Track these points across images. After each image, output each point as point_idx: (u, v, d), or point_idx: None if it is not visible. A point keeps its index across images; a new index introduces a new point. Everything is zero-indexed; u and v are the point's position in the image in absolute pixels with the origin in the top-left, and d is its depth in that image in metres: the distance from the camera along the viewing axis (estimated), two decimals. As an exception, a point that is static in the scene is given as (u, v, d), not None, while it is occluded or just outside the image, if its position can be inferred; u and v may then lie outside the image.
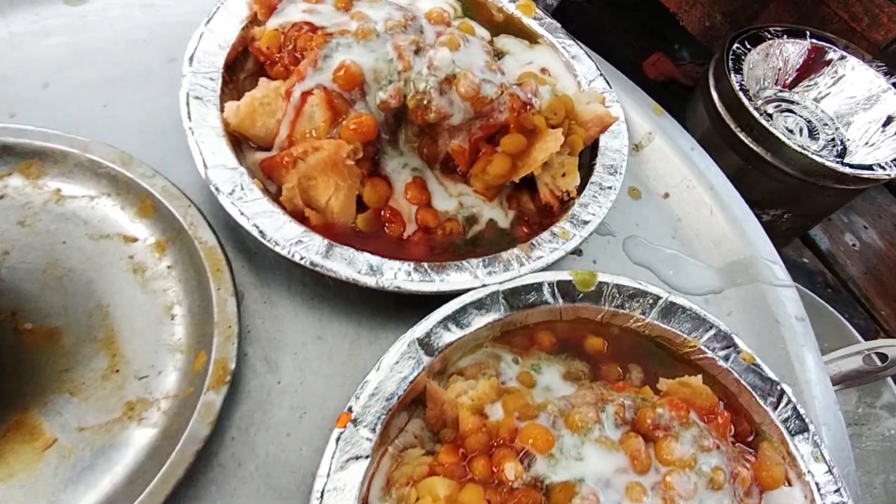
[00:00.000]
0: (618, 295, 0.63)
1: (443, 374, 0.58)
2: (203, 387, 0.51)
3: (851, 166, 1.02)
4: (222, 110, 0.63)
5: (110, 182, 0.59)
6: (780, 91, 1.19)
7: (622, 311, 0.63)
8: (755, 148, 1.05)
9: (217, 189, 0.58)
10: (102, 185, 0.59)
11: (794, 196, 1.10)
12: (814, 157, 1.00)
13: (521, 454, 0.50)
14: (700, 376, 0.58)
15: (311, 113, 0.61)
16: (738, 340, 0.63)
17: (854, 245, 1.50)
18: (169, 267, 0.58)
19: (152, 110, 0.68)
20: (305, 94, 0.61)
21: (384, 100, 0.61)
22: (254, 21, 0.68)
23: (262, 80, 0.63)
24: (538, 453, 0.50)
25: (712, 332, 0.63)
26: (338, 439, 0.50)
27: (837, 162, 1.01)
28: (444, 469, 0.51)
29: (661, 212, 0.78)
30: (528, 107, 0.63)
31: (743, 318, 0.71)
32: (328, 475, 0.49)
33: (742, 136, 1.06)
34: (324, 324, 0.61)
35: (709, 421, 0.55)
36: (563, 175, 0.66)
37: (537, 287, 0.62)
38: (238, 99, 0.63)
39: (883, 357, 1.03)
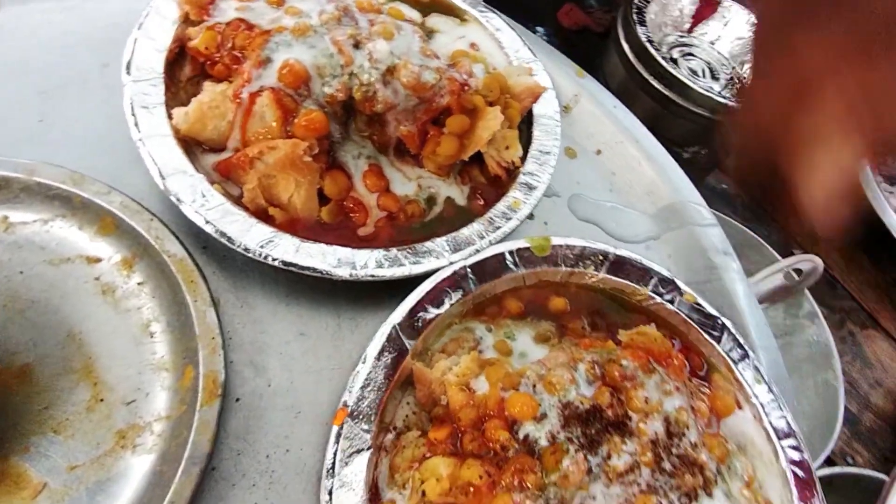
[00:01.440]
0: (570, 255, 0.61)
1: (425, 355, 0.55)
2: (196, 403, 0.46)
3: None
4: (169, 116, 0.55)
5: (63, 203, 0.51)
6: (681, 37, 1.17)
7: (577, 269, 0.61)
8: (666, 92, 1.04)
9: (178, 199, 0.51)
10: (55, 208, 0.51)
11: (705, 132, 1.10)
12: (717, 97, 1.00)
13: (510, 423, 0.48)
14: (653, 324, 0.58)
15: (262, 113, 0.54)
16: (680, 284, 0.63)
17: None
18: (140, 284, 0.52)
19: (93, 121, 0.59)
20: (254, 96, 0.54)
21: (331, 94, 0.55)
22: (186, 21, 0.59)
23: (208, 84, 0.56)
24: (524, 419, 0.48)
25: (657, 278, 0.63)
26: (338, 436, 0.47)
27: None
28: (441, 447, 0.48)
29: (596, 168, 0.76)
30: (466, 87, 0.58)
31: (680, 259, 0.71)
32: (334, 474, 0.45)
33: (654, 82, 1.05)
34: (304, 320, 0.56)
35: (667, 365, 0.54)
36: (507, 148, 0.62)
37: (500, 258, 0.59)
38: (183, 103, 0.56)
39: (799, 272, 1.07)
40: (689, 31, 1.19)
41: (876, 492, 0.86)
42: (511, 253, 0.59)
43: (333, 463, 0.46)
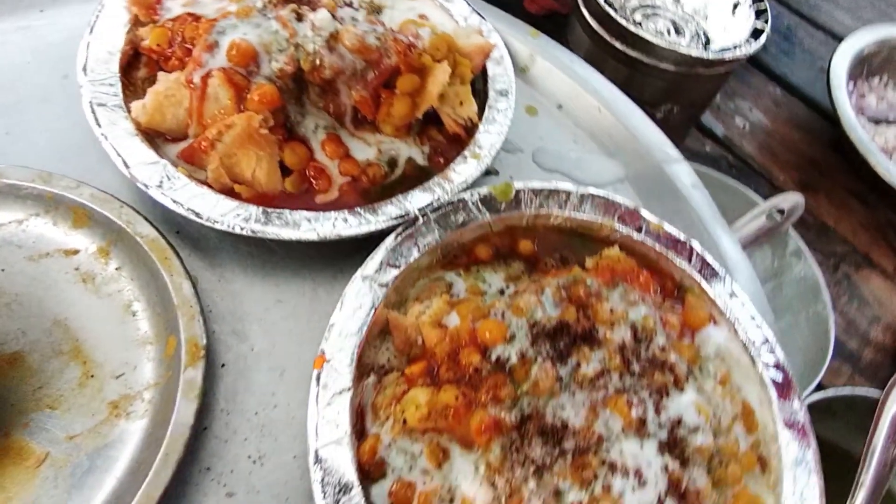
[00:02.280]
0: (535, 198, 0.66)
1: (400, 306, 0.60)
2: (180, 367, 0.51)
3: (714, 51, 1.07)
4: (129, 112, 0.60)
5: (36, 202, 0.57)
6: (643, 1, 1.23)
7: (542, 211, 0.66)
8: (632, 53, 1.08)
9: (144, 185, 0.56)
10: (28, 207, 0.57)
11: (676, 89, 1.15)
12: (681, 50, 1.04)
13: (482, 349, 0.52)
14: (616, 247, 0.62)
15: (216, 94, 0.60)
16: (645, 213, 0.67)
17: (745, 127, 1.59)
18: (117, 268, 0.57)
19: (59, 129, 0.65)
20: (205, 78, 0.59)
21: (280, 68, 0.61)
22: (136, 23, 0.65)
23: (161, 74, 0.62)
24: (495, 343, 0.52)
25: (622, 210, 0.67)
26: (318, 379, 0.51)
27: (702, 50, 1.06)
28: (418, 381, 0.52)
29: (558, 122, 0.81)
30: (412, 48, 0.63)
31: (648, 198, 0.75)
32: (318, 412, 0.50)
33: (618, 45, 1.09)
34: (280, 287, 0.61)
35: (631, 281, 0.58)
36: (461, 104, 0.67)
37: (463, 205, 0.63)
38: (141, 99, 0.61)
39: (781, 212, 1.11)
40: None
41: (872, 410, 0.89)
42: (474, 201, 0.64)
43: (316, 403, 0.50)
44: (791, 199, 1.09)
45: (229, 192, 0.60)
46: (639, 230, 0.67)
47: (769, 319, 0.69)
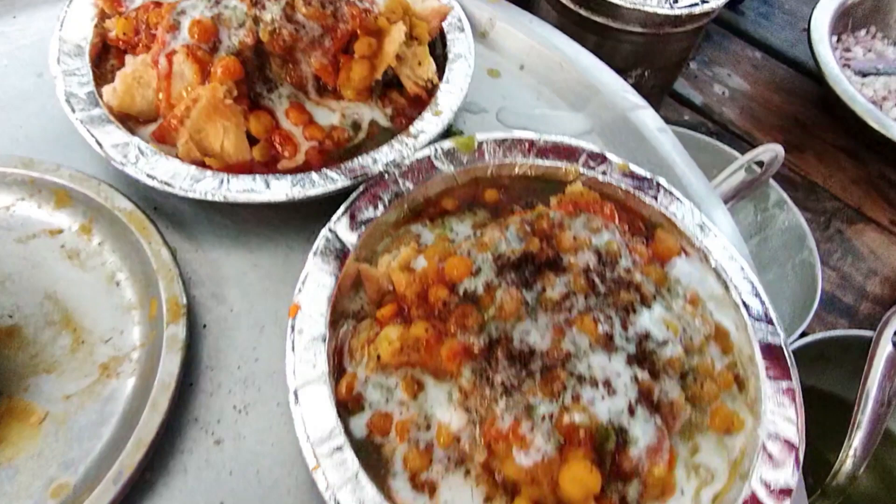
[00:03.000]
0: (498, 148, 0.71)
1: (370, 260, 0.64)
2: (163, 326, 0.56)
3: (681, 7, 1.12)
4: (101, 97, 0.66)
5: (20, 187, 0.62)
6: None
7: (506, 160, 0.71)
8: (598, 19, 1.13)
9: (120, 162, 0.62)
10: (14, 192, 0.63)
11: (646, 52, 1.19)
12: (647, 9, 1.09)
13: (450, 286, 0.57)
14: (579, 182, 0.66)
15: (181, 71, 0.65)
16: (609, 155, 0.72)
17: (724, 93, 1.62)
18: (100, 244, 0.62)
19: (37, 124, 0.71)
20: (170, 56, 0.65)
21: (241, 40, 0.66)
22: (103, 16, 0.71)
23: (129, 58, 0.68)
24: (461, 278, 0.56)
25: (586, 154, 0.72)
26: (293, 327, 0.56)
27: (669, 8, 1.11)
28: (390, 322, 0.57)
29: (521, 82, 0.86)
30: (368, 12, 0.69)
31: (615, 145, 0.80)
32: (295, 356, 0.54)
33: (583, 12, 1.14)
34: (255, 253, 0.66)
35: (595, 212, 0.62)
36: (420, 64, 0.72)
37: (427, 160, 0.68)
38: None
39: (760, 164, 1.15)
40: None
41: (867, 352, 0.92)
42: (437, 156, 0.69)
43: (293, 348, 0.55)
44: (769, 151, 1.13)
45: (200, 165, 0.65)
46: (605, 172, 0.71)
47: (742, 251, 0.73)
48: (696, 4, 1.13)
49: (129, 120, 0.68)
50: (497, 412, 0.51)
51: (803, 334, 1.01)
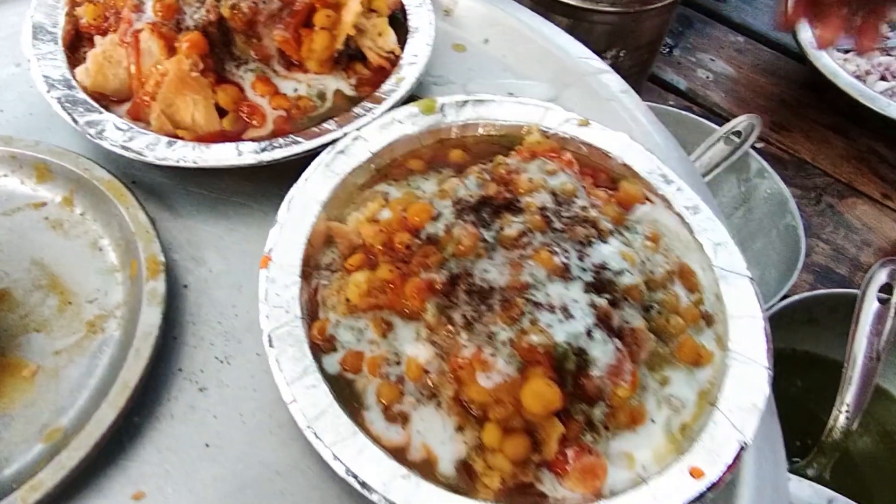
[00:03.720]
0: (460, 109, 0.77)
1: (341, 220, 0.70)
2: (143, 283, 0.62)
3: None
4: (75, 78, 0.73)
5: (2, 164, 0.69)
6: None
7: (469, 121, 0.77)
8: (571, 2, 1.21)
9: (95, 136, 0.68)
10: (-6, 168, 0.69)
11: (619, 32, 1.26)
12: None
13: (412, 231, 0.63)
14: (537, 133, 0.73)
15: (148, 48, 0.72)
16: (571, 114, 0.78)
17: (708, 77, 1.69)
18: (82, 213, 0.69)
19: (19, 108, 0.78)
20: (136, 34, 0.72)
21: (203, 17, 0.73)
22: (73, 4, 0.78)
23: (98, 38, 0.74)
24: (423, 223, 0.62)
25: (548, 111, 0.78)
26: (266, 277, 0.62)
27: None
28: (358, 269, 0.63)
29: (486, 54, 0.93)
30: (326, -16, 0.76)
31: (580, 108, 0.85)
32: (268, 303, 0.60)
33: None
34: (232, 219, 0.72)
35: (552, 158, 0.69)
36: (380, 35, 0.79)
37: (391, 122, 0.74)
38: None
39: (738, 134, 1.22)
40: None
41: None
42: (401, 118, 0.75)
43: (266, 297, 0.61)
44: (747, 120, 1.20)
45: (173, 138, 0.71)
46: (565, 131, 0.77)
47: (709, 201, 0.78)
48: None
49: (104, 100, 0.74)
50: (461, 343, 0.57)
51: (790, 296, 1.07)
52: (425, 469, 0.56)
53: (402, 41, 0.83)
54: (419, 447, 0.57)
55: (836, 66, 1.43)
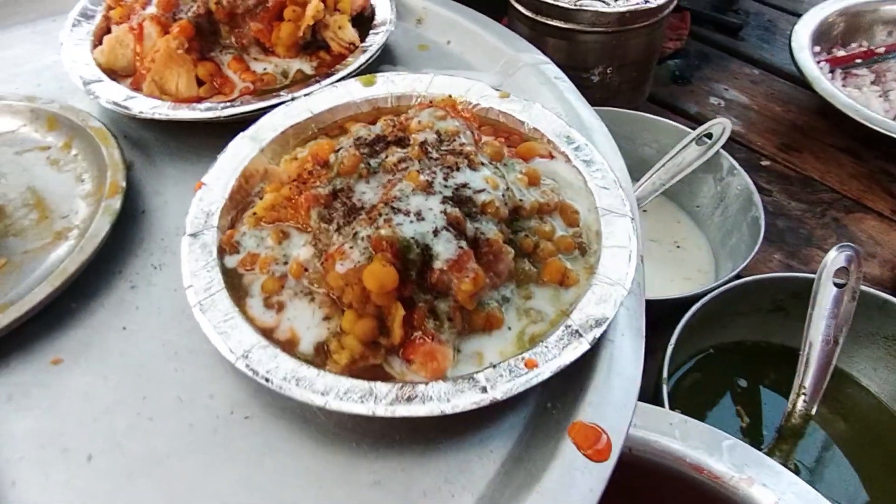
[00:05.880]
0: (398, 83, 0.83)
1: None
2: (103, 199, 0.71)
3: (623, 6, 1.22)
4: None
5: (24, 115, 0.82)
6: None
7: (405, 92, 0.82)
8: (552, 22, 1.25)
9: (94, 95, 0.79)
10: (19, 119, 0.82)
11: (603, 50, 1.29)
12: (587, 8, 1.21)
13: (318, 162, 0.68)
14: (447, 94, 0.77)
15: (149, 33, 0.84)
16: (493, 88, 0.82)
17: (720, 104, 1.67)
18: (75, 155, 0.79)
19: (52, 87, 0.91)
20: (141, 23, 0.84)
21: (196, 11, 0.84)
22: (109, 8, 0.92)
23: (114, 27, 0.87)
24: (326, 155, 0.68)
25: (474, 85, 0.82)
26: (198, 197, 0.69)
27: (604, 4, 1.22)
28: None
29: (447, 53, 0.99)
30: (295, -14, 0.85)
31: (517, 92, 0.89)
32: (193, 214, 0.67)
33: (539, 18, 1.26)
34: (195, 164, 0.80)
35: (444, 108, 0.72)
36: (340, 28, 0.87)
37: (335, 91, 0.81)
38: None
39: (710, 135, 1.21)
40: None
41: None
42: (343, 87, 0.82)
43: (192, 208, 0.67)
44: (719, 124, 1.18)
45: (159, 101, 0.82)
46: (486, 102, 0.81)
47: (620, 167, 0.79)
48: (641, 3, 1.24)
49: (113, 75, 0.86)
50: (333, 242, 0.61)
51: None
52: (287, 346, 0.59)
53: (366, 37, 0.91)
54: (286, 330, 0.60)
55: (832, 87, 1.38)
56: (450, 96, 0.77)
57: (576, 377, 0.60)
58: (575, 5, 1.23)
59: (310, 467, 0.56)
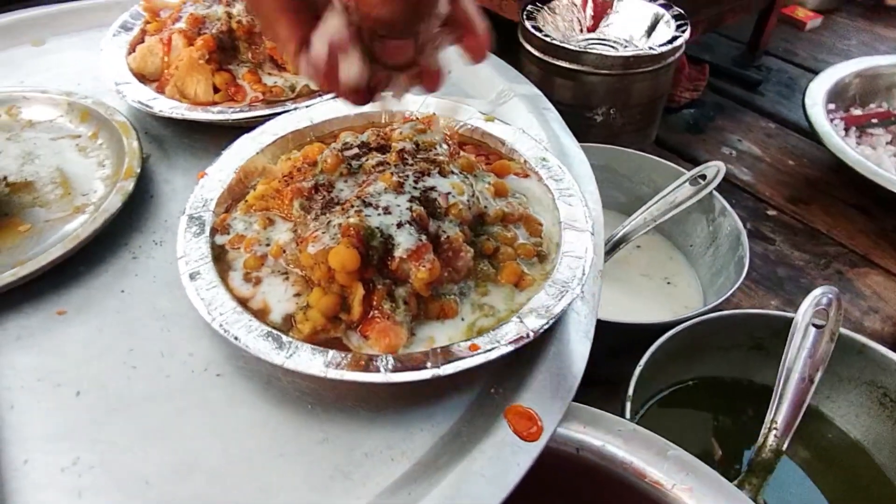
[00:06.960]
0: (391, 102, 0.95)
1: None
2: (118, 181, 0.84)
3: (628, 51, 1.34)
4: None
5: (62, 107, 0.96)
6: (588, 35, 1.53)
7: (397, 112, 0.94)
8: (560, 63, 1.36)
9: (121, 92, 0.94)
10: (57, 110, 0.97)
11: (607, 91, 1.39)
12: (591, 51, 1.32)
13: (306, 162, 0.80)
14: (432, 111, 0.89)
15: (177, 44, 0.98)
16: (480, 113, 0.93)
17: (732, 154, 1.74)
18: (101, 143, 0.93)
19: (90, 86, 1.05)
20: (170, 36, 0.98)
21: (219, 28, 0.98)
22: (147, 21, 1.08)
23: (147, 37, 1.02)
24: (314, 156, 0.80)
25: (460, 107, 0.94)
26: (199, 185, 0.81)
27: (612, 49, 1.33)
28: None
29: (448, 81, 1.10)
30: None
31: (508, 117, 1.00)
32: (193, 198, 0.79)
33: (547, 58, 1.37)
34: (204, 159, 0.92)
35: (424, 122, 0.84)
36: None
37: (334, 106, 0.94)
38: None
39: (704, 177, 1.29)
40: (593, 28, 1.56)
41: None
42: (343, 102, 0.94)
43: (193, 194, 0.80)
44: (713, 166, 1.28)
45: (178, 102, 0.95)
46: (473, 124, 0.93)
47: (585, 180, 0.88)
48: (642, 49, 1.35)
49: (143, 79, 1.01)
50: (311, 228, 0.72)
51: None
52: (259, 315, 0.69)
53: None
54: (259, 301, 0.71)
55: (842, 143, 1.46)
56: (433, 114, 0.88)
57: (522, 368, 0.68)
58: (582, 48, 1.35)
59: (268, 421, 0.66)
